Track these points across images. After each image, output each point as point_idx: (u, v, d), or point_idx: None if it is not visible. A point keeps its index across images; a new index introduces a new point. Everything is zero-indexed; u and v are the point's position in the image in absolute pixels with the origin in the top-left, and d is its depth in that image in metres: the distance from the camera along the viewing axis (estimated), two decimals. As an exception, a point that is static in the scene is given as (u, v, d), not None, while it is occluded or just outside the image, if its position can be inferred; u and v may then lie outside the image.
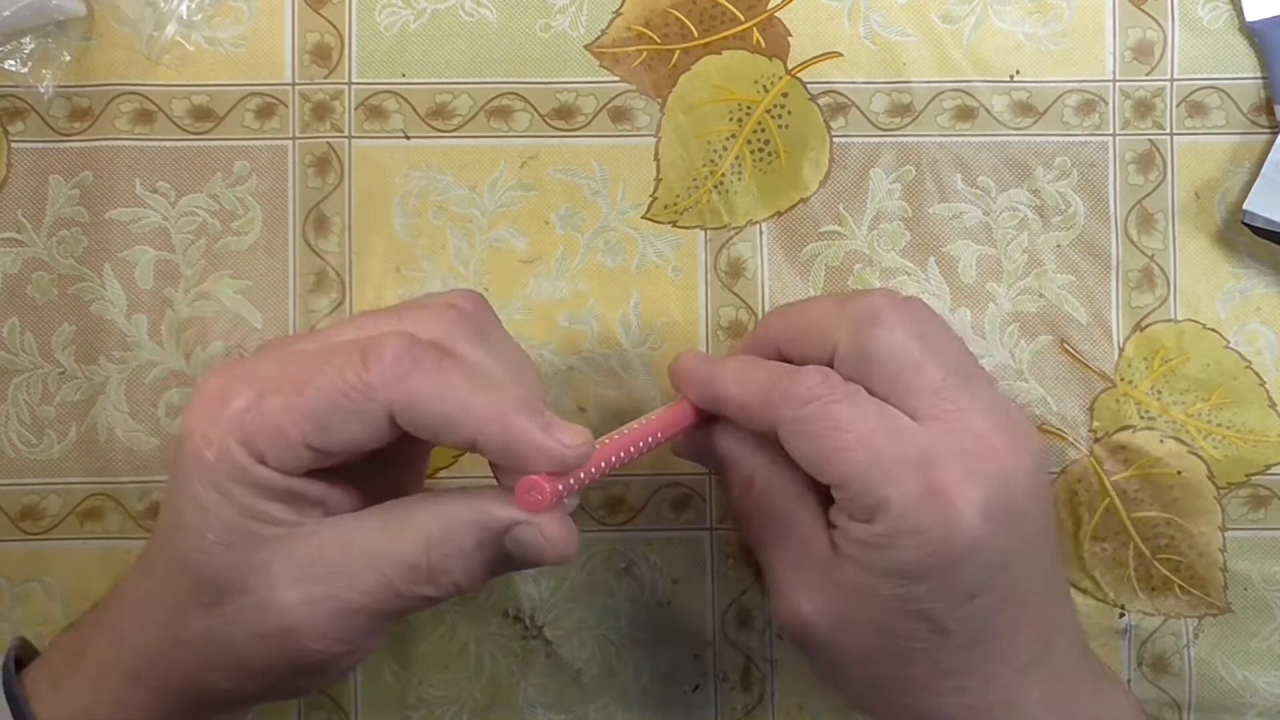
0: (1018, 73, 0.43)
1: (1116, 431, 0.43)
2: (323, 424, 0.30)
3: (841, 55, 0.43)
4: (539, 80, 0.43)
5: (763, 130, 0.43)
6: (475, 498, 0.31)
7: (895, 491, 0.31)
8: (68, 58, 0.42)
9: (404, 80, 0.43)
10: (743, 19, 0.43)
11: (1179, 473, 0.43)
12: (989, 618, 0.32)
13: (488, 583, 0.33)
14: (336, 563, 0.30)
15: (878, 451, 0.32)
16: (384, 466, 0.33)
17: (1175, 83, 0.43)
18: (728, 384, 0.35)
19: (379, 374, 0.30)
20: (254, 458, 0.30)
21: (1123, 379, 0.43)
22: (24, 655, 0.35)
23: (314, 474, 0.31)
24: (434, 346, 0.31)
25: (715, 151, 0.43)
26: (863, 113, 0.43)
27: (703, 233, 0.43)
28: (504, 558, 0.31)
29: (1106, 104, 0.43)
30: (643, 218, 0.43)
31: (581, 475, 0.32)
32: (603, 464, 0.33)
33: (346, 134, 0.43)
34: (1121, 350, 0.43)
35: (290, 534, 0.31)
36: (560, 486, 0.31)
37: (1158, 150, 0.44)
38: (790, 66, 0.43)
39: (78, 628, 0.34)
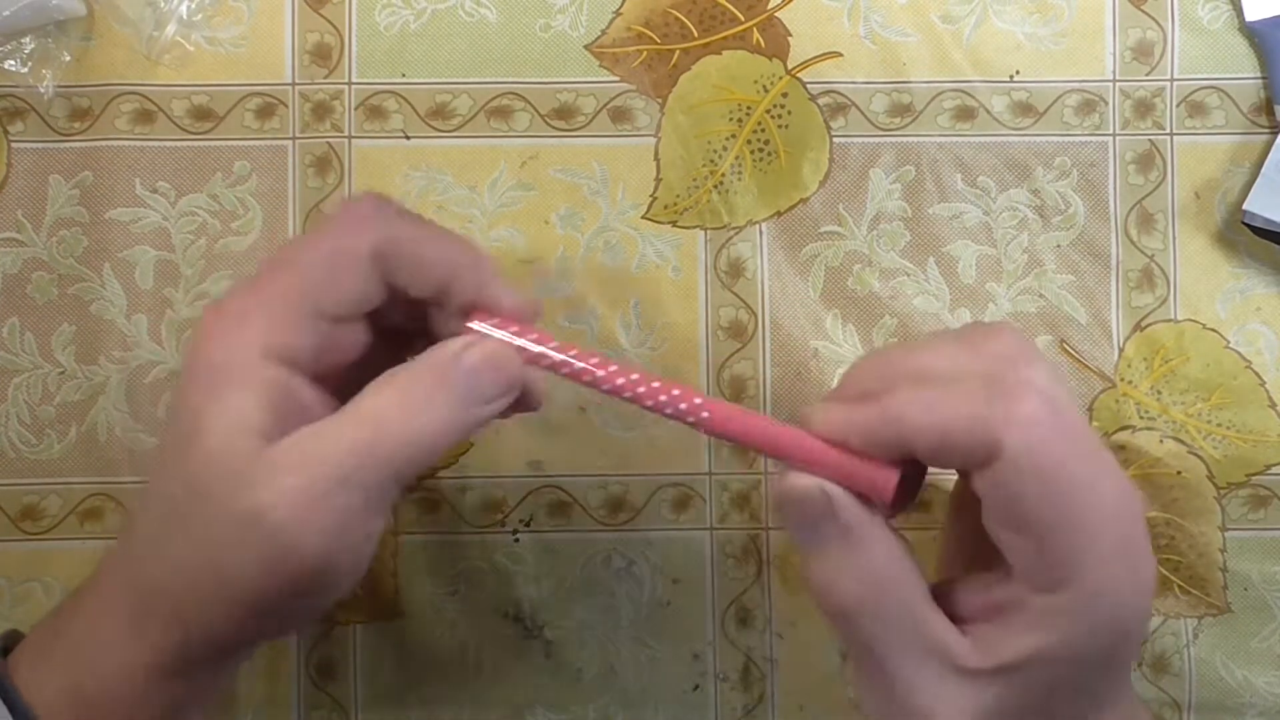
0: (1018, 73, 0.43)
1: (1116, 432, 0.43)
2: (323, 282, 0.32)
3: (841, 55, 0.43)
4: (539, 80, 0.43)
5: (763, 130, 0.43)
6: (425, 352, 0.33)
7: (1096, 557, 0.29)
8: (68, 58, 0.42)
9: (404, 80, 0.43)
10: (743, 19, 0.43)
11: (1179, 473, 0.43)
12: (1129, 679, 0.32)
13: (470, 434, 0.33)
14: (307, 453, 0.30)
15: (1100, 505, 0.29)
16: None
17: (1175, 83, 0.43)
18: (910, 413, 0.30)
19: (359, 219, 0.33)
20: (260, 350, 0.31)
21: (1122, 379, 0.43)
22: (12, 645, 0.35)
23: (311, 380, 0.32)
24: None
25: (715, 151, 0.43)
26: (863, 113, 0.43)
27: (703, 233, 0.43)
28: (464, 400, 0.32)
29: (1106, 104, 0.43)
30: (643, 218, 0.43)
31: (546, 353, 0.33)
32: (574, 358, 0.33)
33: (346, 134, 0.43)
34: (1121, 350, 0.43)
35: (272, 445, 0.30)
36: (515, 327, 0.33)
37: (1158, 150, 0.44)
38: (790, 66, 0.43)
39: (58, 608, 0.34)
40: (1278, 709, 0.43)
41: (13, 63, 0.42)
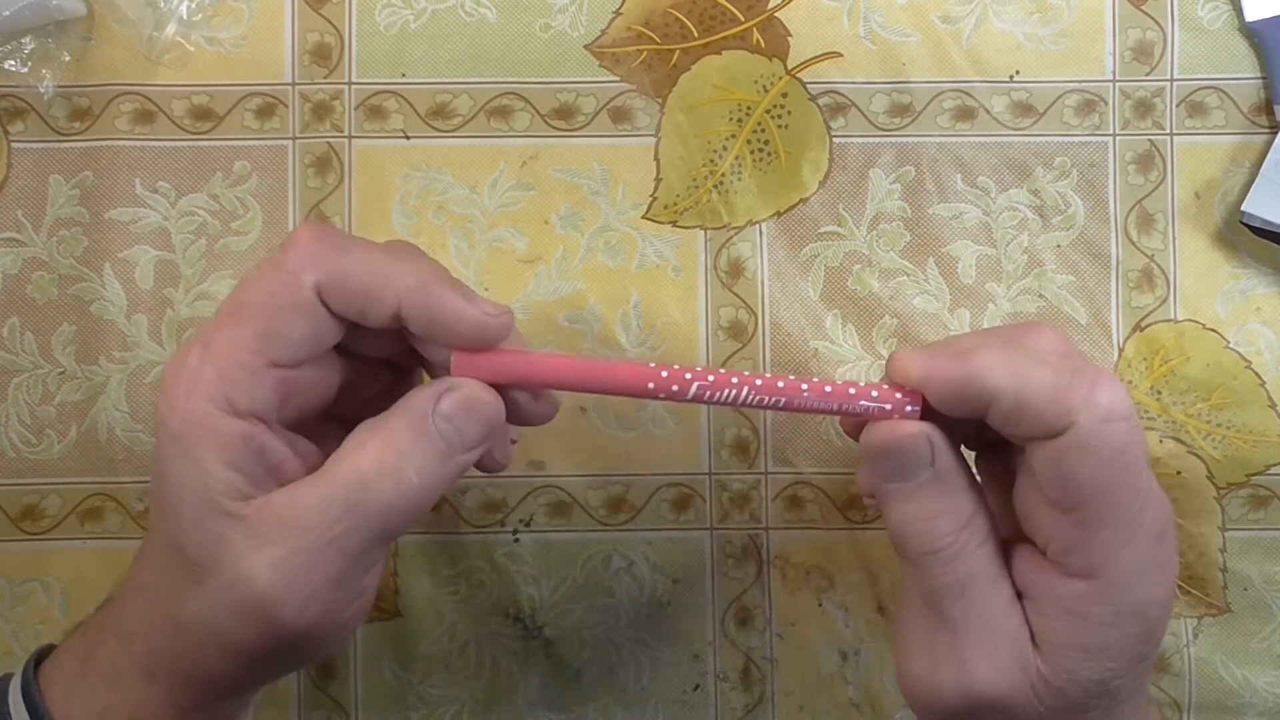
0: (1017, 73, 0.43)
1: (1116, 431, 0.43)
2: (269, 332, 0.30)
3: (841, 55, 0.43)
4: (539, 80, 0.43)
5: (763, 130, 0.43)
6: (401, 401, 0.32)
7: (1133, 550, 0.30)
8: (68, 58, 0.42)
9: (404, 80, 0.43)
10: (743, 19, 0.43)
11: (1179, 473, 0.43)
12: (1148, 676, 0.32)
13: (454, 484, 0.32)
14: (290, 518, 0.30)
15: (1145, 502, 0.30)
16: (338, 433, 0.34)
17: (1175, 83, 0.44)
18: (995, 371, 0.30)
19: (297, 256, 0.31)
20: (220, 407, 0.30)
21: (1122, 379, 0.43)
22: (44, 656, 0.35)
23: (280, 432, 0.31)
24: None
25: (715, 151, 0.43)
26: (862, 113, 0.43)
27: (703, 233, 0.43)
28: (446, 451, 0.31)
29: (1106, 104, 0.43)
30: (643, 218, 0.43)
31: (534, 374, 0.32)
32: (562, 369, 0.32)
33: (346, 134, 0.43)
34: (1121, 351, 0.43)
35: (247, 507, 0.30)
36: (499, 359, 0.31)
37: (1158, 150, 0.44)
38: (790, 66, 0.43)
39: (86, 629, 0.34)
40: (1277, 709, 0.43)
41: (13, 63, 0.42)
